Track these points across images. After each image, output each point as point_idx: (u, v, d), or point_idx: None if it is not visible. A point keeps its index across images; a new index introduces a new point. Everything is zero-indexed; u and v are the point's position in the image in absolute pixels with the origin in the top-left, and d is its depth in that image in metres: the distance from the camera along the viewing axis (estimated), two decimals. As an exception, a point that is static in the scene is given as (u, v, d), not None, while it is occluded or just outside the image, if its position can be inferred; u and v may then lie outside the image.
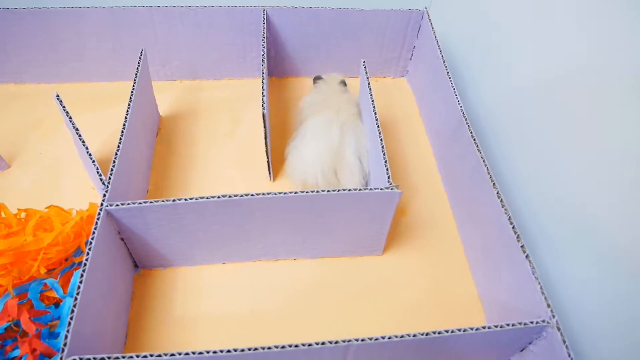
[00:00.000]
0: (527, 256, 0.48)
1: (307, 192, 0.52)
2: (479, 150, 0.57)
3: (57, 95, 0.60)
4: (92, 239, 0.48)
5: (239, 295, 0.59)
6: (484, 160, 0.56)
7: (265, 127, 0.61)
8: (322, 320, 0.58)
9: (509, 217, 0.51)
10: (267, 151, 0.65)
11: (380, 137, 0.58)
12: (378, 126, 0.59)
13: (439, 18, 0.87)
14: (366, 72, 0.66)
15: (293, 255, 0.62)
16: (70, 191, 0.67)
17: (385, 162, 0.55)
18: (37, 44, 0.75)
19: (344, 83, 0.73)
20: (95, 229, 0.48)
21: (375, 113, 0.60)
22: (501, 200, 0.53)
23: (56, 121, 0.76)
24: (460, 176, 0.64)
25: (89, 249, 0.47)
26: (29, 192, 0.67)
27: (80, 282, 0.44)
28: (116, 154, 0.55)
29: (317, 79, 0.74)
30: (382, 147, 0.57)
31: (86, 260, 0.46)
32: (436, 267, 0.63)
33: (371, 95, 0.63)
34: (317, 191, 0.52)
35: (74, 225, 0.57)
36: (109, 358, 0.40)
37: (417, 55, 0.82)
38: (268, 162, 0.66)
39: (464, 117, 0.61)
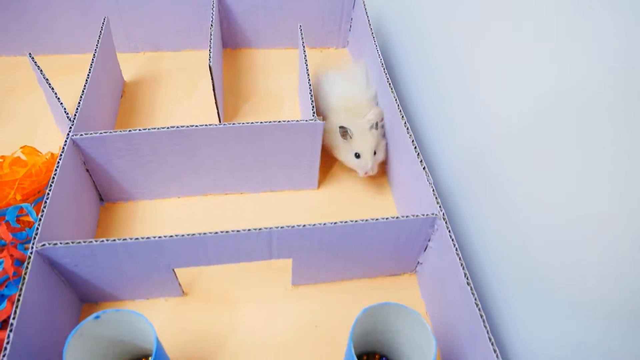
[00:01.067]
0: (424, 168, 0.59)
1: (244, 123, 0.62)
2: (395, 99, 0.67)
3: (30, 54, 0.69)
4: (58, 165, 0.56)
5: (193, 225, 0.69)
6: (398, 106, 0.66)
7: (212, 76, 0.71)
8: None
9: (413, 140, 0.62)
10: (215, 98, 0.74)
11: (308, 80, 0.68)
12: (307, 71, 0.69)
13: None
14: (301, 34, 0.76)
15: (239, 189, 0.72)
16: (43, 143, 0.76)
17: (311, 98, 0.65)
18: (9, 19, 0.84)
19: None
20: (61, 154, 0.57)
21: (306, 62, 0.70)
22: (407, 129, 0.63)
23: (29, 87, 0.84)
24: (386, 122, 0.74)
25: (55, 172, 0.55)
26: (5, 145, 0.75)
27: (49, 192, 0.53)
28: (81, 96, 0.64)
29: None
30: (310, 87, 0.67)
31: (54, 177, 0.55)
32: (364, 198, 0.73)
33: (304, 50, 0.73)
34: (253, 122, 0.62)
35: (45, 162, 0.66)
36: (72, 242, 0.49)
37: (354, 27, 0.92)
38: (217, 105, 0.75)
39: (387, 77, 0.70)
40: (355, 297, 0.63)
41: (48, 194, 0.53)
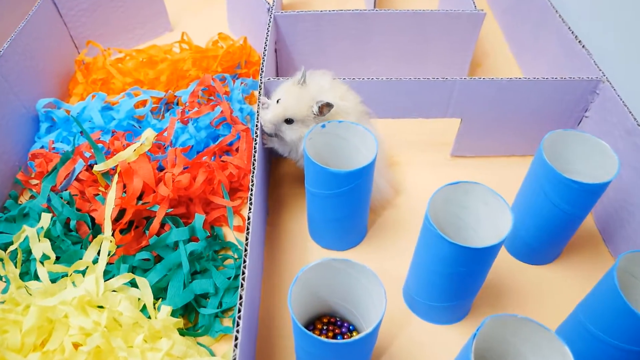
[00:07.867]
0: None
1: (409, 10, 0.71)
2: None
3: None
4: (267, 36, 0.67)
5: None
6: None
7: None
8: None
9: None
10: None
11: None
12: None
13: None
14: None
15: (395, 81, 0.81)
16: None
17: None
18: None
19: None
20: (268, 28, 0.68)
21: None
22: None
23: (198, 6, 0.97)
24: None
25: (266, 40, 0.66)
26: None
27: (264, 51, 0.64)
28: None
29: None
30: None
31: (265, 44, 0.65)
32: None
33: None
34: (421, 10, 0.71)
35: (238, 46, 0.77)
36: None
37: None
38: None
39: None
40: (505, 173, 0.69)
41: (264, 52, 0.63)
